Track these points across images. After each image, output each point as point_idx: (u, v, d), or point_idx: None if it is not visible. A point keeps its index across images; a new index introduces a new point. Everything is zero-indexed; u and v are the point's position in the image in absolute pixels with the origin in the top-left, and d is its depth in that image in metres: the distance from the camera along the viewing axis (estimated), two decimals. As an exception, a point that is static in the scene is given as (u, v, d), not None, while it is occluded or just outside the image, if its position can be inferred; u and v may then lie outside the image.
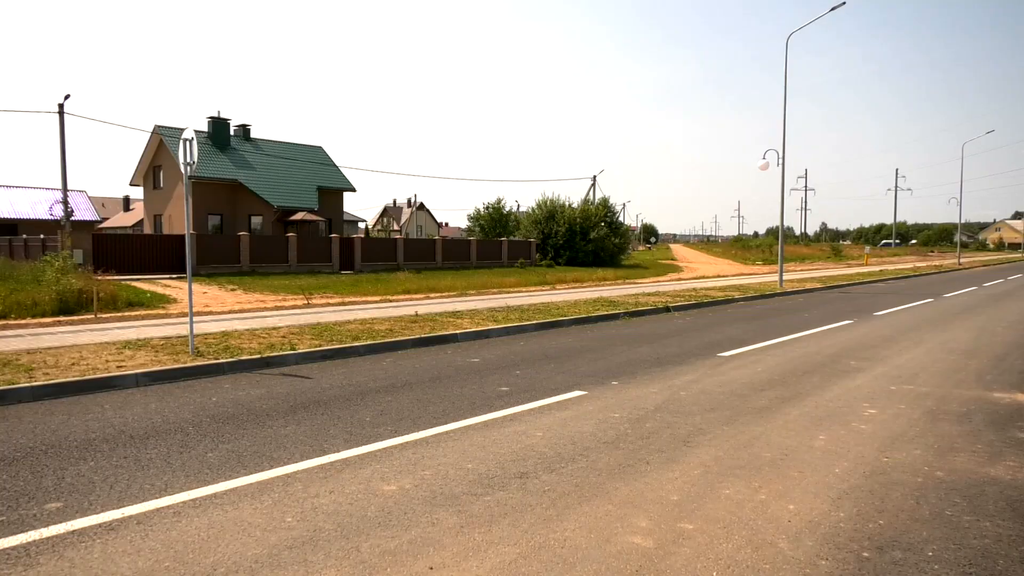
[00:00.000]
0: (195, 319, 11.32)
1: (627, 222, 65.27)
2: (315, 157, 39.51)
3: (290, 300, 17.66)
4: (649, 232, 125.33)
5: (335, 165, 40.38)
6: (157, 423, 6.22)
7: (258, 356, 9.11)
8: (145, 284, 21.16)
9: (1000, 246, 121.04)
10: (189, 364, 8.50)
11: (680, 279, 30.23)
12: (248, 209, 35.58)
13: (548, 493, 4.55)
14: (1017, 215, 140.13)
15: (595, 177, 55.27)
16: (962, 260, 53.23)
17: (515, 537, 3.89)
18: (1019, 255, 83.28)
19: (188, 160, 9.21)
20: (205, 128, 36.04)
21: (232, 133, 37.23)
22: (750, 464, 5.16)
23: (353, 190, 39.47)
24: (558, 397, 7.30)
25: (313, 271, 29.18)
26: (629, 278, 30.35)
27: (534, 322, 13.18)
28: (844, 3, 23.44)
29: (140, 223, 55.42)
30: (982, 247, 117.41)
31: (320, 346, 10.01)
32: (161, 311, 14.94)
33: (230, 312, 14.97)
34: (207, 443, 5.61)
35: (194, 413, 6.58)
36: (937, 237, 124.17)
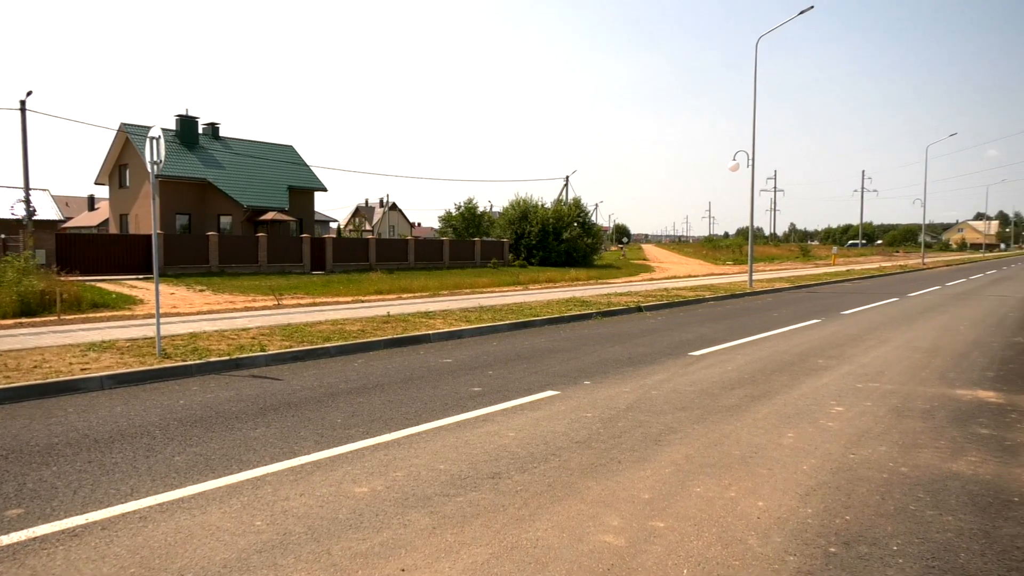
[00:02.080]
0: (162, 320, 11.12)
1: (600, 222, 65.61)
2: (286, 156, 39.09)
3: (260, 301, 17.44)
4: (621, 232, 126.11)
5: (306, 164, 40.00)
6: (123, 426, 6.09)
7: (227, 358, 8.98)
8: (111, 285, 20.75)
9: (963, 246, 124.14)
10: (156, 366, 8.35)
11: (652, 279, 30.46)
12: (217, 209, 35.09)
13: (520, 493, 4.55)
14: (979, 216, 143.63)
15: (568, 177, 55.53)
16: (926, 260, 54.45)
17: (487, 538, 3.89)
18: (981, 255, 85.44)
19: (155, 159, 9.05)
20: (173, 126, 35.50)
21: (201, 131, 36.70)
22: (720, 462, 5.21)
23: (324, 190, 39.15)
24: (530, 397, 7.31)
25: (284, 271, 28.88)
26: (602, 278, 30.51)
27: (507, 322, 13.18)
28: (812, 7, 23.87)
29: (105, 223, 54.31)
30: (945, 247, 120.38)
31: (291, 347, 9.90)
32: (127, 312, 14.65)
33: (198, 313, 14.74)
34: (174, 446, 5.51)
35: (161, 416, 6.46)
36: (902, 237, 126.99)
